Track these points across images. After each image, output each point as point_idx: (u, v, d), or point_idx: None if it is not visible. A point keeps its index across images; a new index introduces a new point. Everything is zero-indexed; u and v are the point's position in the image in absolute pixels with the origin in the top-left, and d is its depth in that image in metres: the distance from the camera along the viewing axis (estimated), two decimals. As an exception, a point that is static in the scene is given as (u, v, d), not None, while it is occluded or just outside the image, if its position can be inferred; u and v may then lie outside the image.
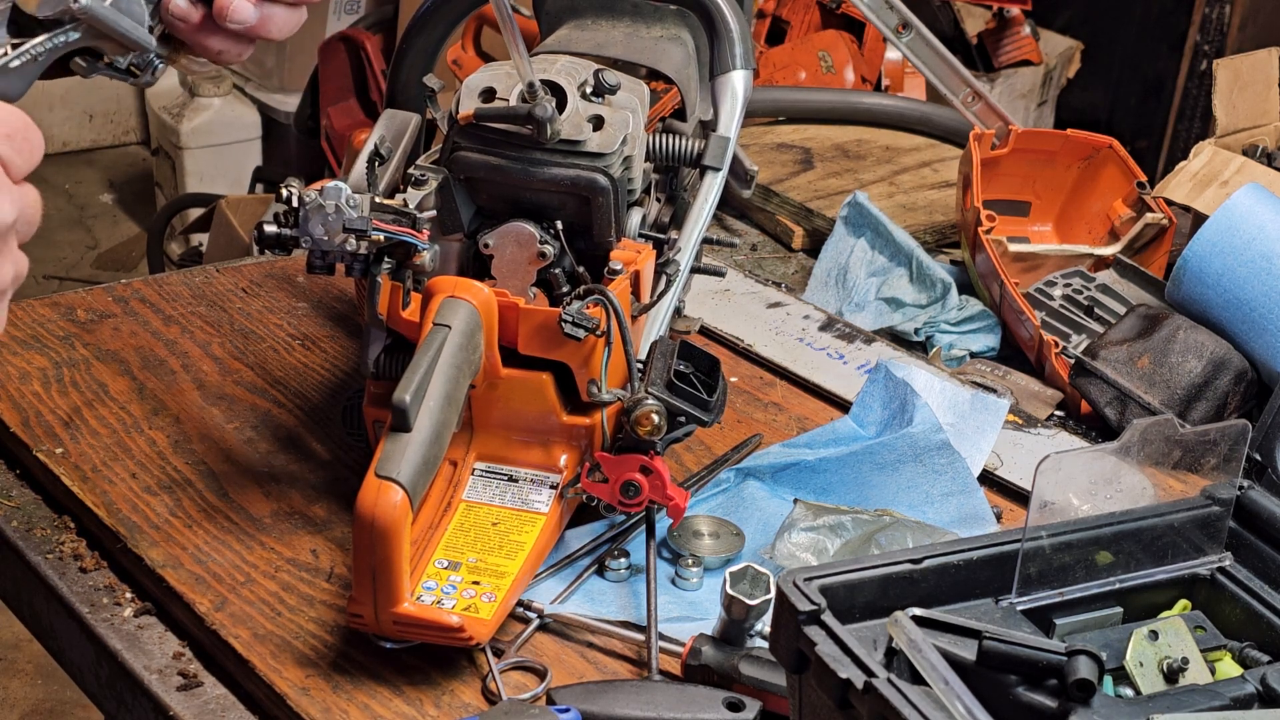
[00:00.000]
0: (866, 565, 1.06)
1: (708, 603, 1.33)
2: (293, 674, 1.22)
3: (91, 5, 1.07)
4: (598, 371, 1.32)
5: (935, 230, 2.06)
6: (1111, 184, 1.97)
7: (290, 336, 1.67)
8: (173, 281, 1.76)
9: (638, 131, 1.38)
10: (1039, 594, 1.10)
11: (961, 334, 1.82)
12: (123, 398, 1.53)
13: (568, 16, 1.56)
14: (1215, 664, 1.10)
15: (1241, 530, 1.16)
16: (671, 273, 1.45)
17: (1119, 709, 0.99)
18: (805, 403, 1.66)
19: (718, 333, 1.76)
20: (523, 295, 1.36)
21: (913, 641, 0.97)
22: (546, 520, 1.32)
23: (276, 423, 1.52)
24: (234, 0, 1.12)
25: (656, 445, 1.32)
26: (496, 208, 1.39)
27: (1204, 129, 3.38)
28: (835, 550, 1.36)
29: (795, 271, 2.00)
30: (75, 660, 1.33)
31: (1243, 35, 3.59)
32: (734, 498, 1.47)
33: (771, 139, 2.28)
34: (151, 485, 1.41)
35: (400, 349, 1.34)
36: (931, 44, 2.12)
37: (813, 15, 2.73)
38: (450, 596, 1.24)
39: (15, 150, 0.94)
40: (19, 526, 1.39)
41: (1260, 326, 1.66)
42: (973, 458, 1.52)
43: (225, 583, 1.31)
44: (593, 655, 1.28)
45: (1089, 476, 1.12)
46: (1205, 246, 1.71)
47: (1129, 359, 1.66)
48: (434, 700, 1.21)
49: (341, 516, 1.39)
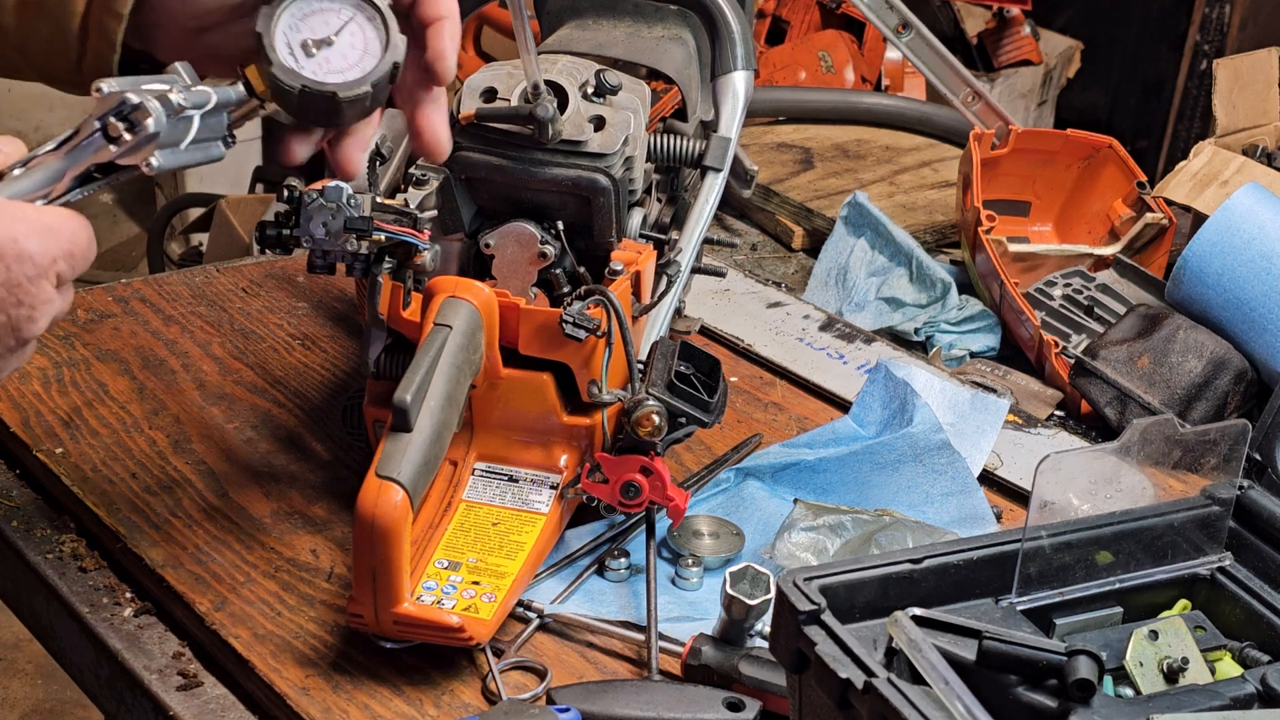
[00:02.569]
0: (866, 565, 1.06)
1: (708, 603, 1.33)
2: (293, 674, 1.22)
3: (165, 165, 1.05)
4: (598, 372, 1.32)
5: (935, 230, 2.06)
6: (1111, 184, 1.97)
7: (290, 336, 1.67)
8: (173, 281, 1.76)
9: (639, 132, 1.38)
10: (1039, 594, 1.10)
11: (961, 334, 1.82)
12: (123, 398, 1.53)
13: (569, 16, 1.56)
14: (1215, 664, 1.10)
15: (1241, 530, 1.16)
16: (672, 273, 1.46)
17: (1119, 709, 0.99)
18: (805, 403, 1.66)
19: (718, 333, 1.76)
20: (523, 295, 1.36)
21: (913, 641, 0.97)
22: (547, 520, 1.32)
23: (276, 423, 1.52)
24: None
25: (657, 446, 1.32)
26: (497, 208, 1.39)
27: (1204, 129, 3.37)
28: (835, 550, 1.36)
29: (795, 271, 2.00)
30: (75, 660, 1.33)
31: (1243, 35, 3.59)
32: (734, 498, 1.47)
33: (771, 139, 2.28)
34: (151, 485, 1.41)
35: (401, 349, 1.34)
36: (931, 44, 2.12)
37: (813, 15, 2.73)
38: (450, 596, 1.24)
39: (71, 267, 1.01)
40: (19, 526, 1.39)
41: (1260, 326, 1.66)
42: (973, 458, 1.52)
43: (225, 583, 1.31)
44: (593, 655, 1.28)
45: (1089, 476, 1.12)
46: (1205, 246, 1.71)
47: (1129, 359, 1.66)
48: (434, 700, 1.21)
49: (341, 516, 1.39)
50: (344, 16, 1.16)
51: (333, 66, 1.15)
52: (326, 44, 1.15)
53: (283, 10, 1.16)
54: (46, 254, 0.98)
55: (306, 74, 1.14)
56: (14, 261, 0.97)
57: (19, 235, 0.97)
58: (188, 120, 1.07)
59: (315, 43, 1.15)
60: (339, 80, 1.14)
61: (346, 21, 1.16)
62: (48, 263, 0.98)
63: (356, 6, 1.16)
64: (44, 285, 0.99)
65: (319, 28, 1.16)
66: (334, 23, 1.16)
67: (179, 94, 1.05)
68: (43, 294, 0.99)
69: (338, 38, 1.15)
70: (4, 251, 0.97)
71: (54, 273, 0.99)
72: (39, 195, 1.02)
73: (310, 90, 1.14)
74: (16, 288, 0.98)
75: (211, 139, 1.11)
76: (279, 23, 1.15)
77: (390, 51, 1.16)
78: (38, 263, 0.98)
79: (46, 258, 0.98)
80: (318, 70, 1.15)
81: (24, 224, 0.98)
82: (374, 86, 1.15)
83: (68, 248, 1.00)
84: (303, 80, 1.14)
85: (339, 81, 1.14)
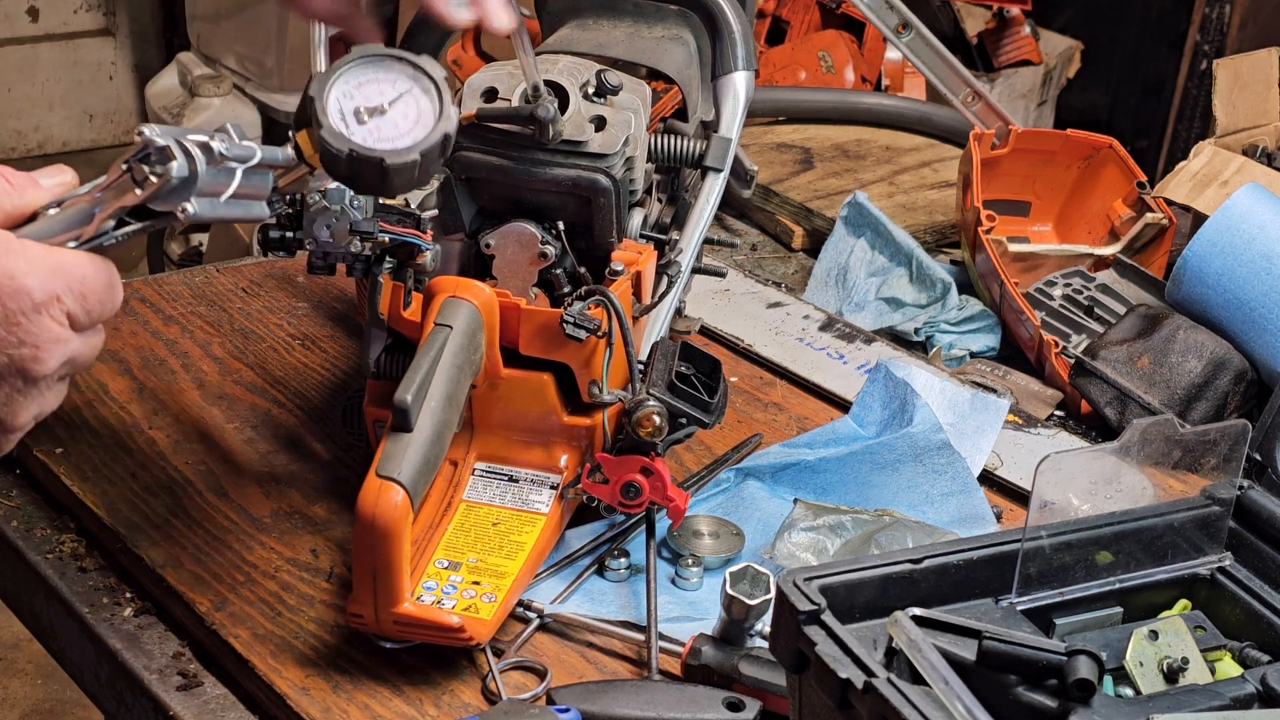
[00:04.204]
0: (866, 565, 1.06)
1: (708, 603, 1.33)
2: (293, 674, 1.22)
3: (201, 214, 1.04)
4: (599, 372, 1.32)
5: (935, 230, 2.06)
6: (1111, 184, 1.97)
7: (290, 336, 1.67)
8: (173, 281, 1.76)
9: (639, 132, 1.38)
10: (1039, 594, 1.10)
11: (961, 334, 1.82)
12: (123, 398, 1.53)
13: (569, 16, 1.56)
14: (1215, 664, 1.10)
15: (1241, 530, 1.16)
16: (673, 273, 1.46)
17: (1119, 709, 0.99)
18: (805, 403, 1.66)
19: (718, 333, 1.76)
20: (524, 296, 1.36)
21: (913, 641, 0.97)
22: (547, 520, 1.32)
23: (276, 423, 1.52)
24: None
25: (657, 446, 1.32)
26: (498, 208, 1.39)
27: (1204, 129, 3.37)
28: (835, 550, 1.36)
29: (795, 271, 2.00)
30: (75, 660, 1.33)
31: (1243, 35, 3.59)
32: (734, 498, 1.47)
33: (771, 139, 2.28)
34: (151, 485, 1.41)
35: (401, 349, 1.34)
36: (931, 44, 2.12)
37: (813, 15, 2.73)
38: (450, 596, 1.24)
39: (85, 310, 0.99)
40: (19, 526, 1.39)
41: (1260, 326, 1.66)
42: (973, 458, 1.52)
43: (225, 582, 1.31)
44: (593, 655, 1.28)
45: (1089, 476, 1.12)
46: (1205, 246, 1.71)
47: (1129, 359, 1.66)
48: (434, 700, 1.21)
49: (341, 516, 1.39)
50: (400, 88, 1.16)
51: (383, 134, 1.14)
52: (379, 113, 1.15)
53: (337, 77, 1.15)
54: (45, 290, 0.97)
55: (356, 139, 1.14)
56: (8, 297, 0.96)
57: (17, 272, 0.96)
58: (230, 172, 1.06)
59: (368, 110, 1.15)
60: (388, 148, 1.14)
61: (403, 93, 1.16)
62: (46, 298, 0.97)
63: (413, 78, 1.16)
64: (44, 322, 0.97)
65: (373, 96, 1.15)
66: (389, 93, 1.15)
67: (221, 144, 1.04)
68: (45, 332, 0.98)
69: (391, 107, 1.15)
70: (0, 287, 0.96)
71: (59, 311, 0.98)
72: (69, 236, 1.01)
73: (358, 155, 1.13)
74: (15, 326, 0.97)
75: (255, 197, 1.10)
76: (332, 89, 1.15)
77: (442, 122, 1.15)
78: (34, 298, 0.96)
79: (44, 294, 0.97)
80: (368, 137, 1.14)
81: (25, 261, 0.97)
82: (423, 156, 1.14)
83: (76, 288, 0.98)
84: (351, 145, 1.13)
85: (388, 149, 1.14)
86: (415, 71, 1.16)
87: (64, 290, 0.98)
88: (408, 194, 1.32)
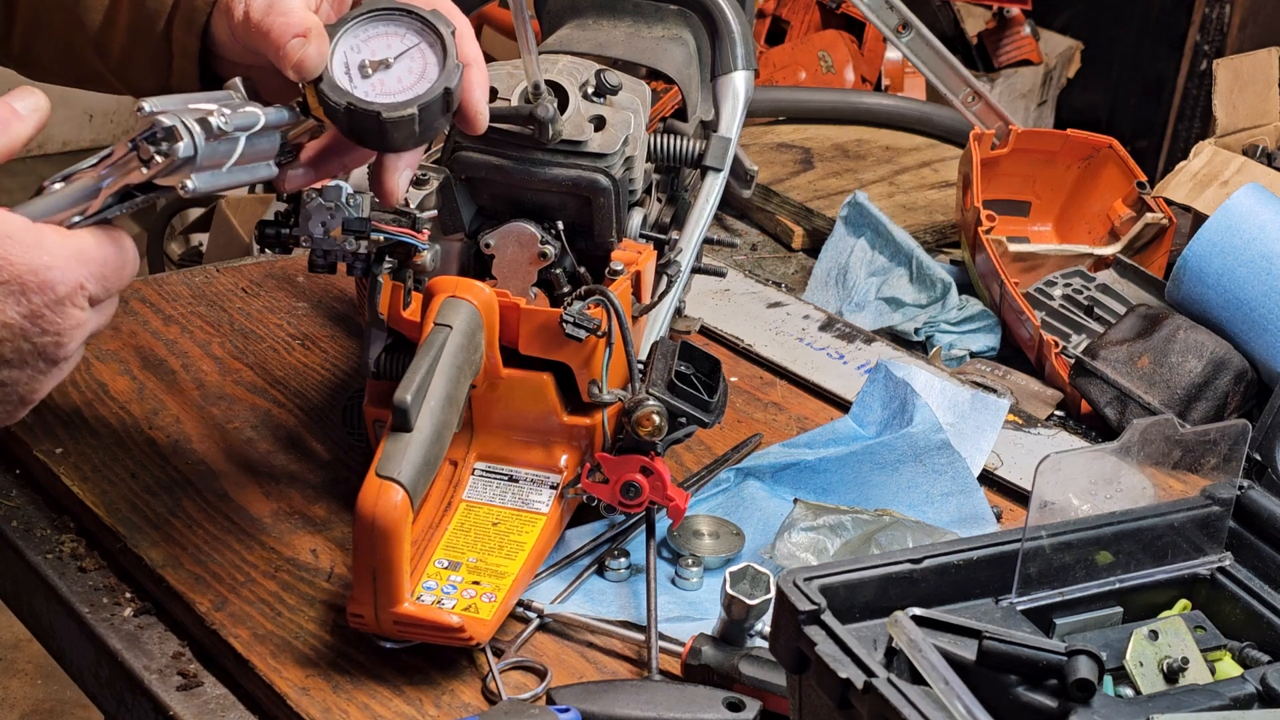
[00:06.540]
0: (866, 565, 1.06)
1: (708, 603, 1.33)
2: (293, 674, 1.22)
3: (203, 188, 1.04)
4: (598, 372, 1.32)
5: (935, 230, 2.06)
6: (1111, 184, 1.97)
7: (290, 336, 1.66)
8: (173, 281, 1.76)
9: (639, 132, 1.38)
10: (1039, 594, 1.10)
11: (961, 334, 1.82)
12: (123, 398, 1.53)
13: (569, 16, 1.56)
14: (1215, 664, 1.10)
15: (1241, 530, 1.16)
16: (672, 273, 1.45)
17: (1119, 709, 0.99)
18: (805, 403, 1.66)
19: (718, 333, 1.76)
20: (524, 295, 1.36)
21: (913, 641, 0.97)
22: (547, 520, 1.32)
23: (276, 423, 1.52)
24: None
25: (657, 446, 1.32)
26: (497, 208, 1.39)
27: (1204, 129, 3.37)
28: (835, 550, 1.36)
29: (795, 271, 2.00)
30: (75, 660, 1.33)
31: (1243, 35, 3.59)
32: (734, 498, 1.47)
33: (771, 139, 2.28)
34: (151, 485, 1.41)
35: (401, 349, 1.34)
36: (931, 44, 2.12)
37: (813, 15, 2.73)
38: (450, 596, 1.24)
39: (104, 287, 1.02)
40: (19, 526, 1.39)
41: (1260, 326, 1.66)
42: (973, 458, 1.52)
43: (225, 583, 1.31)
44: (593, 655, 1.28)
45: (1089, 476, 1.12)
46: (1205, 246, 1.71)
47: (1129, 359, 1.66)
48: (434, 700, 1.21)
49: (341, 516, 1.39)
50: (407, 42, 1.16)
51: (386, 89, 1.14)
52: (384, 67, 1.15)
53: (345, 31, 1.15)
54: (69, 282, 0.99)
55: (357, 94, 1.13)
56: (34, 292, 0.98)
57: (40, 267, 0.98)
58: (232, 143, 1.06)
59: (373, 64, 1.15)
60: (386, 101, 1.14)
61: (410, 47, 1.15)
62: (71, 290, 0.99)
63: (420, 33, 1.16)
64: (68, 311, 0.99)
65: (379, 50, 1.15)
66: (396, 46, 1.15)
67: (221, 117, 1.04)
68: (69, 320, 1.00)
69: (396, 62, 1.15)
70: (26, 284, 0.98)
71: (81, 296, 1.00)
72: (75, 211, 1.01)
73: (355, 109, 1.13)
74: (40, 318, 0.99)
75: (259, 159, 1.10)
76: (340, 43, 1.15)
77: (444, 77, 1.15)
78: (58, 292, 0.98)
79: (69, 286, 0.99)
80: (370, 91, 1.14)
81: (48, 254, 0.98)
82: (421, 110, 1.14)
83: (97, 270, 1.00)
84: (349, 98, 1.13)
85: (385, 102, 1.14)
86: (423, 26, 1.16)
87: (87, 277, 1.00)
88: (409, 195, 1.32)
